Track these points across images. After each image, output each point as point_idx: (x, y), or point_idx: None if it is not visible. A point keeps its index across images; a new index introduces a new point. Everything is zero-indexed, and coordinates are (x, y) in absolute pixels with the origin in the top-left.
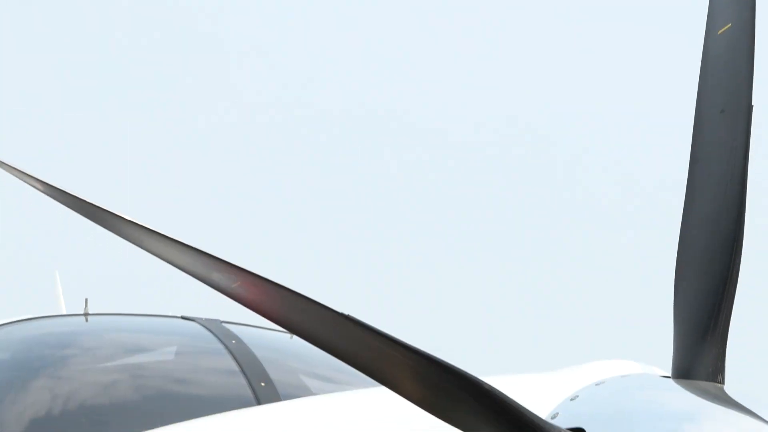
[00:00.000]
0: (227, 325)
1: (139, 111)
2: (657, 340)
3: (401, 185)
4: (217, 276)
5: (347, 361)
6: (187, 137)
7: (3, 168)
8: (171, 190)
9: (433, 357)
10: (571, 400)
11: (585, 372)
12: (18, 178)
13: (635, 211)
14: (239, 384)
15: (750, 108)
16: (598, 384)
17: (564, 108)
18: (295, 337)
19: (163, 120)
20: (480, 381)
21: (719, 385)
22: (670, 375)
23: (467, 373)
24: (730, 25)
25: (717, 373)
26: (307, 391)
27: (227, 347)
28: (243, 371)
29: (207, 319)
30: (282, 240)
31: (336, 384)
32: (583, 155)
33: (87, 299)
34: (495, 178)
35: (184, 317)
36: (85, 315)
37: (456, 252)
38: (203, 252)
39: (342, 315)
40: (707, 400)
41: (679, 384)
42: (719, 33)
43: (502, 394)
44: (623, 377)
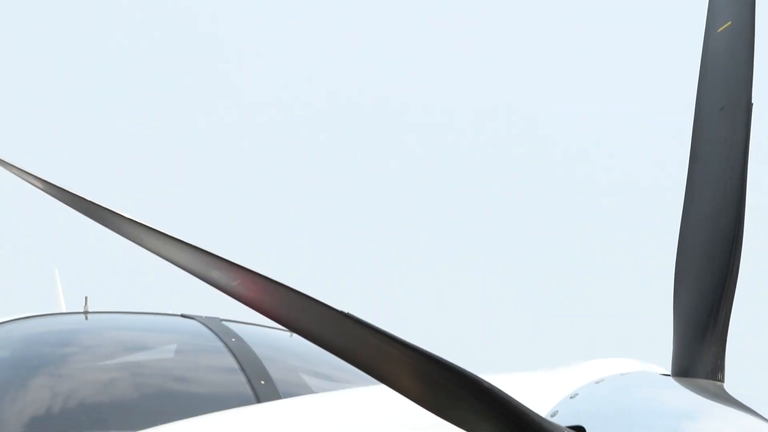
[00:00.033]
0: (227, 323)
1: (139, 111)
2: (657, 338)
3: (401, 185)
4: (217, 274)
5: (347, 359)
6: (187, 137)
7: (2, 166)
8: (171, 190)
9: (433, 355)
10: (571, 398)
11: (585, 370)
12: (17, 176)
13: (635, 210)
14: (239, 382)
15: (750, 106)
16: (597, 382)
17: (564, 107)
18: (295, 335)
19: (163, 120)
20: (480, 379)
21: (719, 384)
22: (669, 373)
23: (467, 371)
24: (729, 24)
25: (717, 372)
26: (307, 389)
27: (227, 345)
28: (243, 369)
29: (207, 317)
30: (282, 239)
31: (336, 382)
32: (583, 154)
33: (87, 297)
34: (495, 177)
35: (183, 315)
36: (85, 313)
37: (455, 250)
38: (203, 250)
39: (341, 313)
40: (707, 398)
41: (679, 382)
42: (719, 31)
43: (501, 392)
44: (623, 375)
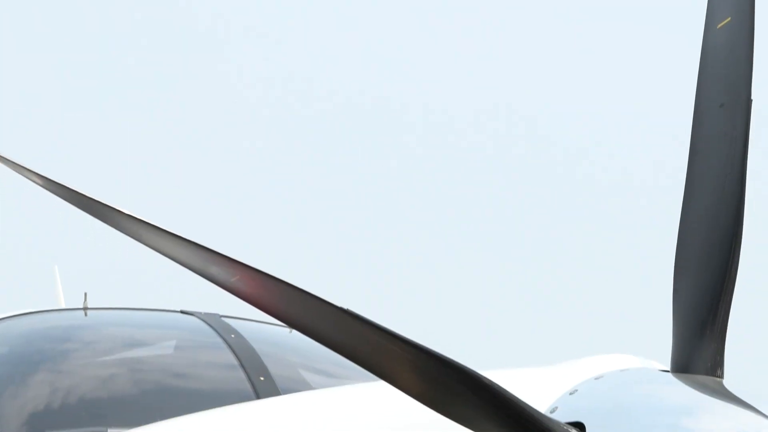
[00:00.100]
0: (226, 320)
1: (139, 111)
2: (656, 334)
3: (401, 185)
4: (216, 270)
5: (346, 355)
6: (187, 137)
7: (2, 162)
8: (171, 189)
9: (432, 351)
10: (570, 394)
11: (584, 366)
12: (17, 172)
13: (635, 210)
14: (238, 378)
15: (749, 102)
16: (597, 378)
17: (564, 107)
18: (294, 332)
19: (163, 120)
20: (479, 375)
21: (718, 380)
22: (669, 369)
23: (466, 368)
24: (729, 19)
25: (716, 368)
26: (306, 386)
27: (226, 341)
28: (242, 365)
29: (206, 314)
30: (282, 239)
31: (335, 378)
32: (583, 154)
33: (86, 293)
34: (495, 177)
35: (183, 311)
36: (84, 309)
37: (455, 248)
38: (202, 246)
39: (341, 309)
40: (706, 394)
41: (678, 378)
42: (718, 27)
43: (501, 388)
44: (622, 371)
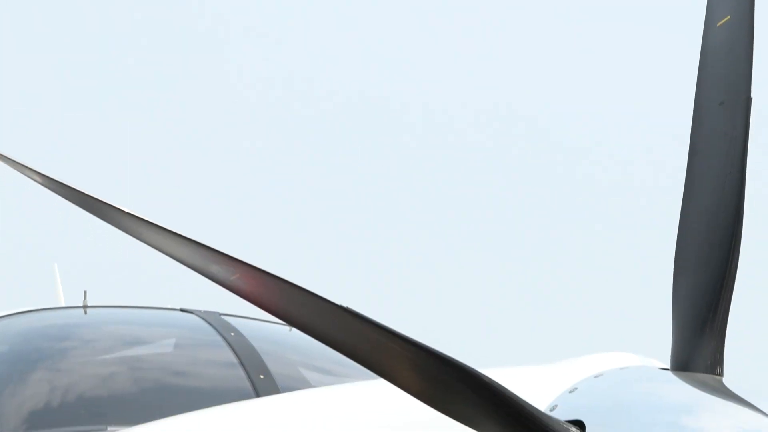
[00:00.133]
0: (226, 318)
1: (139, 111)
2: (656, 332)
3: (401, 185)
4: (216, 268)
5: (346, 354)
6: (187, 137)
7: (2, 160)
8: (171, 189)
9: (432, 349)
10: (570, 392)
11: (584, 364)
12: (17, 170)
13: (635, 210)
14: (238, 376)
15: (749, 100)
16: (596, 376)
17: (564, 107)
18: (294, 330)
19: (163, 120)
20: (479, 373)
21: (718, 378)
22: (668, 367)
23: (466, 366)
24: (729, 17)
25: (716, 366)
26: (306, 384)
27: (226, 340)
28: (242, 363)
29: (206, 312)
30: (282, 239)
31: (335, 376)
32: (583, 154)
33: (86, 291)
34: (495, 177)
35: (182, 309)
36: (84, 307)
37: (455, 247)
38: (202, 244)
39: (340, 307)
40: (706, 392)
41: (678, 376)
42: (718, 25)
43: (500, 386)
44: (622, 369)
